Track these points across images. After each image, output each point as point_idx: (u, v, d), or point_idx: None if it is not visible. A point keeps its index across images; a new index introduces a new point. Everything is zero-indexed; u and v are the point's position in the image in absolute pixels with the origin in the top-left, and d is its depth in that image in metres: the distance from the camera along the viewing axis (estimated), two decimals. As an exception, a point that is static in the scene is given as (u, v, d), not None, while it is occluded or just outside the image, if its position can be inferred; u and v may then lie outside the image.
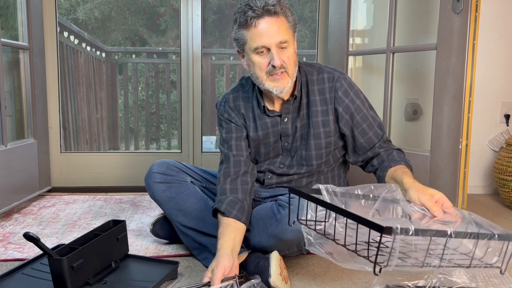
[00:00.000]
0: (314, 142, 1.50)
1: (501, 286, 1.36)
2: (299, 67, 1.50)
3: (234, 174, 1.48)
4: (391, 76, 2.12)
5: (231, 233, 1.34)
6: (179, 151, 2.75)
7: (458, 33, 1.78)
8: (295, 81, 1.47)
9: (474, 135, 2.26)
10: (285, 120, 1.52)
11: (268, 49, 1.37)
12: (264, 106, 1.51)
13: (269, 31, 1.35)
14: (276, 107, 1.52)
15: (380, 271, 0.93)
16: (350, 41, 2.37)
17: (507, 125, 2.57)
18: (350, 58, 2.38)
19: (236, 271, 1.27)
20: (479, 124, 2.53)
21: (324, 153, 1.53)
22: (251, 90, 1.56)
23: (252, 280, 1.23)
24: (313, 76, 1.52)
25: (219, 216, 1.39)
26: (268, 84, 1.41)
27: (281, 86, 1.41)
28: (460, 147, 1.82)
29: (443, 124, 1.87)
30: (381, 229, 0.88)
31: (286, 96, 1.48)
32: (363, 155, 1.51)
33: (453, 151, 1.84)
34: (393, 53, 2.13)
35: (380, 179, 1.44)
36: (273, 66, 1.37)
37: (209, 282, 1.21)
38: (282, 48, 1.38)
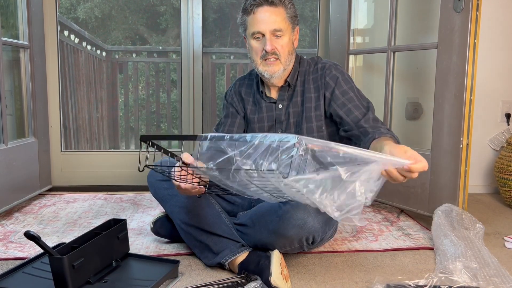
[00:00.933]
0: (306, 126, 1.57)
1: (502, 285, 1.36)
2: (301, 59, 1.62)
3: None
4: (392, 75, 2.12)
5: None
6: (180, 150, 2.75)
7: (459, 32, 1.78)
8: (291, 70, 1.58)
9: (475, 134, 2.26)
10: (279, 107, 1.61)
11: (263, 35, 1.49)
12: (262, 92, 1.63)
13: (265, 19, 1.48)
14: (273, 94, 1.63)
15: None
16: (351, 40, 2.37)
17: (508, 124, 2.57)
18: (351, 57, 2.38)
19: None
20: (480, 123, 2.53)
21: (317, 137, 1.53)
22: (255, 78, 1.69)
23: (252, 283, 1.23)
24: (311, 67, 1.63)
25: None
26: (261, 67, 1.54)
27: (271, 71, 1.53)
28: (461, 146, 1.82)
29: (444, 123, 1.87)
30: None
31: (280, 83, 1.58)
32: (350, 132, 1.51)
33: (454, 150, 1.84)
34: (394, 52, 2.13)
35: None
36: (266, 51, 1.49)
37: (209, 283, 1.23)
38: (277, 36, 1.50)
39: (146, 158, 1.16)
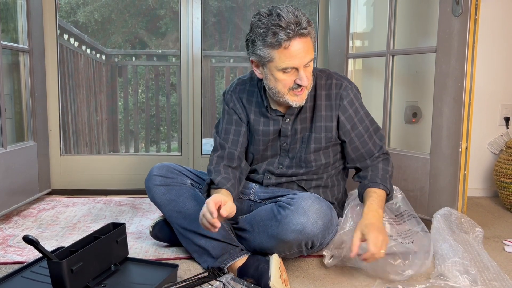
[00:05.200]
0: (315, 146, 1.54)
1: (502, 289, 1.35)
2: None
3: (227, 162, 1.54)
4: (391, 79, 2.13)
5: (228, 193, 1.42)
6: (179, 153, 2.75)
7: (458, 36, 1.79)
8: None
9: (474, 138, 2.26)
10: (287, 121, 1.56)
11: (296, 69, 1.39)
12: (267, 106, 1.56)
13: (300, 53, 1.37)
14: (280, 108, 1.55)
15: None
16: (350, 44, 2.38)
17: (507, 128, 2.57)
18: (350, 61, 2.38)
19: (233, 210, 1.31)
20: (479, 126, 2.53)
21: (323, 157, 1.56)
22: (257, 86, 1.61)
23: (216, 282, 1.26)
24: (322, 81, 1.56)
25: (212, 190, 1.46)
26: (288, 97, 1.45)
27: (301, 100, 1.47)
28: (460, 149, 1.82)
29: (443, 127, 1.87)
30: None
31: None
32: (351, 163, 1.60)
33: (453, 153, 1.84)
34: (393, 56, 2.13)
35: (359, 195, 1.55)
36: (298, 85, 1.41)
37: (206, 275, 1.27)
38: (306, 66, 1.41)
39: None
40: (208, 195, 1.47)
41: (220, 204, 1.28)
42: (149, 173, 1.62)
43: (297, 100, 1.45)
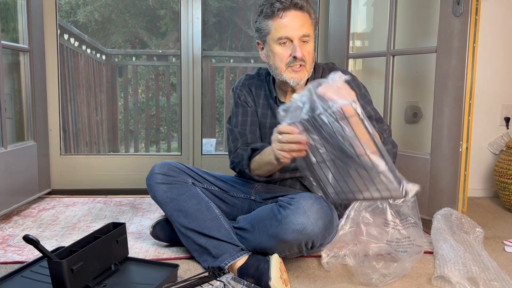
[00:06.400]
0: None
1: (502, 289, 1.35)
2: (315, 64, 1.59)
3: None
4: (391, 79, 2.13)
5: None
6: (179, 153, 2.75)
7: (458, 36, 1.79)
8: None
9: (474, 138, 2.26)
10: None
11: (291, 41, 1.45)
12: (276, 97, 1.60)
13: (294, 24, 1.43)
14: (288, 99, 1.58)
15: None
16: (350, 44, 2.38)
17: (507, 128, 2.57)
18: (350, 61, 2.38)
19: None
20: (479, 127, 2.53)
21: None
22: (265, 80, 1.66)
23: (217, 282, 1.26)
24: (327, 73, 1.59)
25: (256, 156, 1.50)
26: (286, 74, 1.50)
27: (298, 78, 1.50)
28: (460, 150, 1.82)
29: (443, 127, 1.87)
30: None
31: (298, 89, 1.54)
32: None
33: (453, 154, 1.84)
34: (393, 56, 2.13)
35: None
36: (294, 58, 1.46)
37: (207, 275, 1.27)
38: (304, 42, 1.46)
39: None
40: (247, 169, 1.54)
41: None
42: (150, 171, 1.62)
43: (295, 77, 1.49)
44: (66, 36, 3.83)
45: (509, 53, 2.53)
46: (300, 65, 1.48)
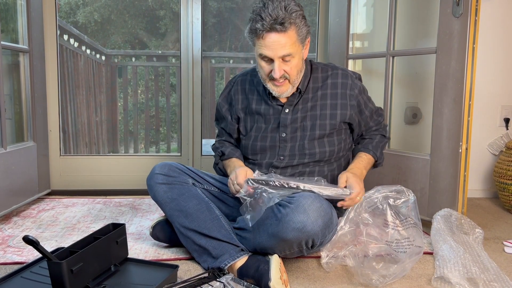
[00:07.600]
0: (319, 132, 1.60)
1: (502, 290, 1.35)
2: (313, 64, 1.66)
3: (226, 138, 1.77)
4: (391, 80, 2.13)
5: (238, 160, 1.67)
6: (179, 154, 2.75)
7: (458, 37, 1.79)
8: (302, 77, 1.59)
9: (474, 139, 2.26)
10: (286, 111, 1.62)
11: (271, 59, 1.47)
12: (269, 94, 1.62)
13: (274, 46, 1.44)
14: (282, 98, 1.62)
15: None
16: (350, 45, 2.38)
17: (507, 129, 2.57)
18: (350, 62, 2.38)
19: (250, 173, 1.50)
20: (479, 127, 2.53)
21: (327, 143, 1.62)
22: (260, 76, 1.67)
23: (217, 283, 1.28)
24: (328, 72, 1.64)
25: (223, 161, 1.71)
26: (269, 85, 1.55)
27: (280, 91, 1.55)
28: (460, 150, 1.82)
29: (443, 128, 1.87)
30: None
31: (289, 95, 1.60)
32: (354, 142, 1.78)
33: (453, 154, 1.84)
34: (393, 57, 2.13)
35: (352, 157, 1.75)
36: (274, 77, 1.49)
37: (206, 276, 1.27)
38: (286, 60, 1.47)
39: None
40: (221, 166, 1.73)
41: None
42: (151, 172, 1.62)
43: (276, 90, 1.55)
44: (65, 37, 3.83)
45: (509, 54, 2.53)
46: (283, 80, 1.51)
